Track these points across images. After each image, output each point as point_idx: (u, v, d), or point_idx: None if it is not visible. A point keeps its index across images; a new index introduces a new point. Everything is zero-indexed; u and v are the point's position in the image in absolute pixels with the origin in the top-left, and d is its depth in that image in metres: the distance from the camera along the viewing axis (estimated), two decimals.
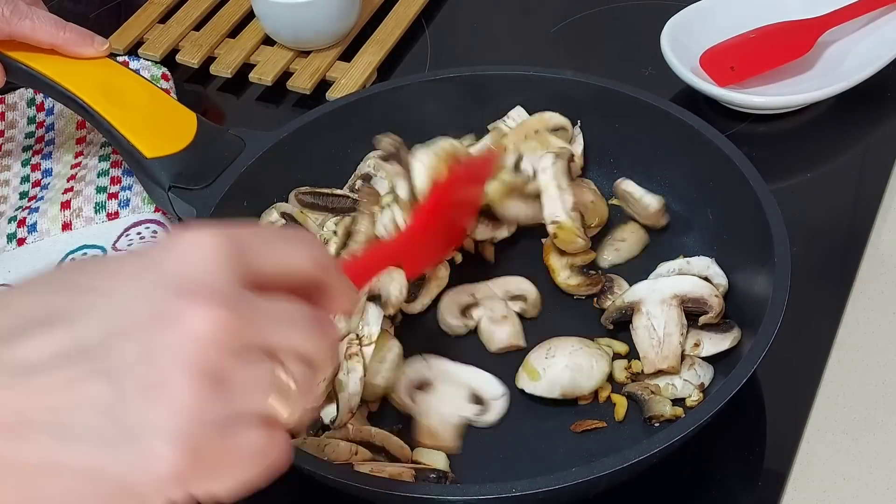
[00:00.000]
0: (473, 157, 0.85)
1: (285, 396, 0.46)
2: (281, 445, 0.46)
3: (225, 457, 0.44)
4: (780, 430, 0.76)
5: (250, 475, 0.46)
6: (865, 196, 0.92)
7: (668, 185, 0.88)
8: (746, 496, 0.74)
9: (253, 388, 0.45)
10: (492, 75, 0.92)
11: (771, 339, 0.68)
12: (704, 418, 0.65)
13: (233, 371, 0.44)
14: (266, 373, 0.46)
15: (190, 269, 0.45)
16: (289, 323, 0.47)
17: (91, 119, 0.88)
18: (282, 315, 0.47)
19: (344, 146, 0.92)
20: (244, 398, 0.45)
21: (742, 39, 1.00)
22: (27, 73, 0.89)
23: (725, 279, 0.80)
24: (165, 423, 0.42)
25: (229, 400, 0.44)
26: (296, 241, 0.51)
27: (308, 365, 0.47)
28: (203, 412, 0.43)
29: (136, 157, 0.86)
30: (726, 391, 0.66)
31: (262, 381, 0.45)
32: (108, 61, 0.91)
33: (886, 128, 0.99)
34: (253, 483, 0.46)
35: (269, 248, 0.48)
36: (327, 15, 1.05)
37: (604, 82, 0.89)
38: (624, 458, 0.63)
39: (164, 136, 0.87)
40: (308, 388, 0.47)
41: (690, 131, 0.84)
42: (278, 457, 0.46)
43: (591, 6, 1.14)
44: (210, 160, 0.86)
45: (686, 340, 0.77)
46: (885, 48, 0.99)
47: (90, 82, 0.89)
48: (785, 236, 0.74)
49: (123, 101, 0.88)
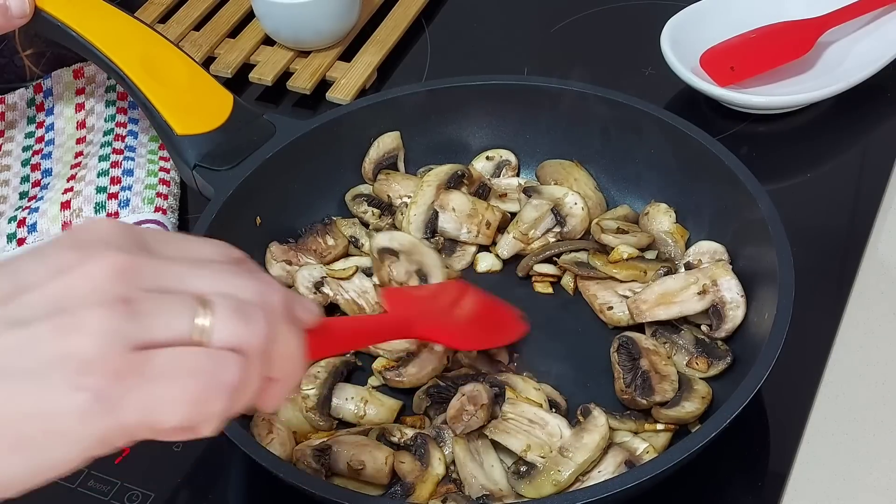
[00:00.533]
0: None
1: (212, 319, 0.45)
2: (221, 368, 0.45)
3: (145, 377, 0.43)
4: (780, 431, 0.76)
5: (186, 396, 0.44)
6: (865, 196, 0.92)
7: (664, 192, 0.88)
8: (747, 496, 0.74)
9: (166, 313, 0.45)
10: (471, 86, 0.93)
11: (773, 359, 0.68)
12: (703, 442, 0.66)
13: (141, 299, 0.44)
14: (181, 300, 0.45)
15: (88, 234, 0.46)
16: (201, 266, 0.47)
17: (128, 88, 0.89)
18: (191, 261, 0.47)
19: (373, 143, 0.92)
20: (157, 320, 0.44)
21: (742, 39, 1.00)
22: (69, 34, 0.89)
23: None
24: (78, 349, 0.42)
25: (140, 321, 0.44)
26: (206, 240, 0.51)
27: (238, 300, 0.46)
28: (114, 332, 0.43)
29: (166, 131, 0.87)
30: (728, 412, 0.66)
31: (177, 306, 0.45)
32: (153, 34, 0.92)
33: (886, 128, 0.99)
34: (202, 409, 0.45)
35: (170, 238, 0.49)
36: (327, 15, 1.05)
37: (597, 90, 0.89)
38: (626, 480, 0.64)
39: (198, 115, 0.88)
40: (241, 317, 0.46)
41: (686, 138, 0.84)
42: (222, 380, 0.45)
43: (591, 6, 1.14)
44: (239, 143, 0.87)
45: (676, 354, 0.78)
46: (885, 48, 0.99)
47: (132, 53, 0.89)
48: (789, 257, 0.74)
49: (163, 75, 0.89)
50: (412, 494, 0.70)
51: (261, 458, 0.67)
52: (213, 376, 0.45)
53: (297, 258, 0.86)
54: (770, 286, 0.74)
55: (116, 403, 0.43)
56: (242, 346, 0.46)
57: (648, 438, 0.73)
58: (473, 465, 0.72)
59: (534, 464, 0.71)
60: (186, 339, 0.45)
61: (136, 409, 0.44)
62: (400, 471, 0.72)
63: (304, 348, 0.50)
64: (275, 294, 0.49)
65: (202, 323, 0.45)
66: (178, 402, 0.44)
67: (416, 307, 0.76)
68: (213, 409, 0.45)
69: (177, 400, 0.44)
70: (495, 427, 0.73)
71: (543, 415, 0.72)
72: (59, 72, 1.04)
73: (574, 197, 0.86)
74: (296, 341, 0.50)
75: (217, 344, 0.45)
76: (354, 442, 0.73)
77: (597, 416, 0.71)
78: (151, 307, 0.44)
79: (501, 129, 0.93)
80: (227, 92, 0.91)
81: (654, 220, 0.86)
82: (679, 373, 0.76)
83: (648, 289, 0.79)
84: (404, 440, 0.74)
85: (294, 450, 0.73)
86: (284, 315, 0.49)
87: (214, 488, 0.76)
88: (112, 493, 0.74)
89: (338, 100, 1.04)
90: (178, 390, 0.44)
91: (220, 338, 0.45)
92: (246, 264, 0.50)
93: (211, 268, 0.48)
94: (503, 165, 0.93)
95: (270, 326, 0.47)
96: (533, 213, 0.86)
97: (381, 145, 0.92)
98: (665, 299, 0.78)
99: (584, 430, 0.71)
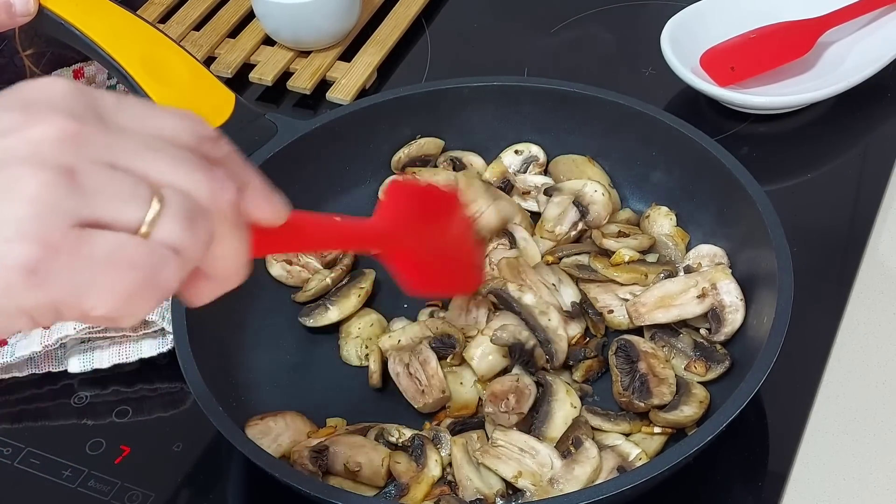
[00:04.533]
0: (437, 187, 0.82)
1: (159, 214, 0.43)
2: (159, 267, 0.43)
3: (81, 257, 0.41)
4: (780, 431, 0.76)
5: (119, 288, 0.42)
6: (865, 196, 0.92)
7: (665, 194, 0.88)
8: (747, 496, 0.74)
9: (113, 194, 0.42)
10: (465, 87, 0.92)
11: (770, 365, 0.68)
12: (700, 445, 0.66)
13: (88, 172, 0.41)
14: (132, 184, 0.42)
15: (36, 93, 0.43)
16: (159, 147, 0.44)
17: (129, 87, 0.89)
18: (150, 137, 0.44)
19: (374, 144, 0.92)
20: (103, 199, 0.42)
21: (742, 39, 1.00)
22: (72, 32, 0.89)
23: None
24: (11, 213, 0.40)
25: (83, 196, 0.41)
26: (173, 112, 0.47)
27: (190, 201, 0.44)
28: (54, 202, 0.40)
29: None
30: (724, 416, 0.66)
31: (127, 189, 0.42)
32: (156, 33, 0.92)
33: (886, 128, 0.99)
34: (131, 304, 0.43)
35: (134, 111, 0.45)
36: (327, 15, 1.05)
37: (597, 92, 0.89)
38: (621, 483, 0.64)
39: (200, 114, 0.87)
40: (188, 221, 0.43)
41: (686, 141, 0.84)
42: (157, 279, 0.43)
43: (591, 6, 1.14)
44: (241, 142, 0.86)
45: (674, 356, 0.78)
46: (885, 48, 0.99)
47: (134, 52, 0.89)
48: (789, 261, 0.74)
49: (165, 74, 0.89)
50: (405, 495, 0.70)
51: (256, 457, 0.67)
52: (150, 273, 0.43)
53: (297, 257, 0.86)
54: (769, 289, 0.74)
55: (45, 278, 0.41)
56: (181, 248, 0.44)
57: (641, 443, 0.73)
58: (470, 467, 0.72)
59: (524, 490, 0.70)
60: (128, 227, 0.42)
61: (66, 289, 0.41)
62: (395, 471, 0.72)
63: (246, 253, 0.48)
64: (228, 194, 0.46)
65: (149, 215, 0.43)
66: (110, 291, 0.42)
67: (408, 223, 0.68)
68: (142, 306, 0.43)
69: (110, 289, 0.42)
70: (486, 452, 0.72)
71: (534, 444, 0.72)
72: (59, 72, 1.04)
73: (593, 185, 0.86)
74: (238, 246, 0.47)
75: (157, 239, 0.43)
76: (352, 443, 0.73)
77: (588, 448, 0.71)
78: (98, 183, 0.42)
79: (502, 129, 0.93)
80: (228, 91, 0.91)
81: (655, 223, 0.86)
82: (677, 376, 0.76)
83: (648, 292, 0.79)
84: (402, 441, 0.74)
85: (292, 451, 0.73)
86: (233, 218, 0.47)
87: (214, 488, 0.76)
88: (112, 493, 0.74)
89: (338, 100, 1.04)
90: (113, 280, 0.42)
91: (161, 235, 0.43)
92: (212, 145, 0.47)
93: (169, 152, 0.44)
94: (530, 161, 0.92)
95: (215, 232, 0.45)
96: (556, 210, 0.86)
97: (422, 145, 0.92)
98: (664, 302, 0.78)
99: (575, 461, 0.70)
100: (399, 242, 0.67)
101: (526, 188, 0.90)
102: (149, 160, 0.44)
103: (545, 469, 0.70)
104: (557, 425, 0.73)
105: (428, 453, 0.72)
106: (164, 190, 0.43)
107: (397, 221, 0.67)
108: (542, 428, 0.73)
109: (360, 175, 0.92)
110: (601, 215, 0.86)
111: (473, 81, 0.92)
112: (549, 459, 0.71)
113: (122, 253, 0.42)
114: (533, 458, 0.71)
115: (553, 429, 0.73)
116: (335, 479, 0.72)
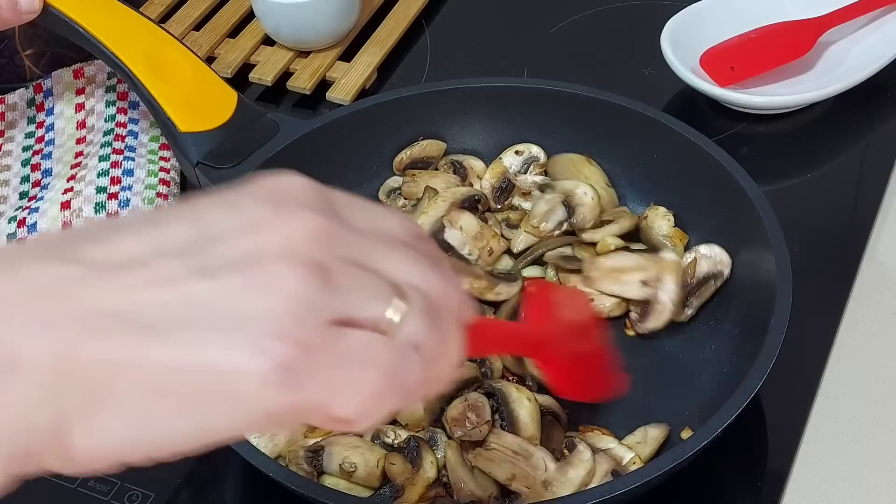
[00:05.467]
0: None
1: (404, 313, 0.42)
2: (405, 366, 0.42)
3: (335, 357, 0.40)
4: (779, 431, 0.76)
5: (368, 387, 0.41)
6: (865, 196, 0.92)
7: (663, 194, 0.88)
8: (747, 497, 0.74)
9: (363, 292, 0.41)
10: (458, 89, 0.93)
11: (768, 369, 0.68)
12: (696, 449, 0.66)
13: (339, 270, 0.41)
14: (378, 284, 0.42)
15: (281, 190, 0.42)
16: (394, 247, 0.43)
17: (132, 85, 0.89)
18: (383, 238, 0.44)
19: (375, 144, 0.93)
20: (354, 297, 0.41)
21: (742, 39, 1.00)
22: (76, 30, 0.89)
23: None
24: (270, 310, 0.39)
25: (337, 295, 0.40)
26: (390, 210, 0.47)
27: (429, 298, 0.43)
28: (309, 299, 0.39)
29: (170, 128, 0.88)
30: (722, 420, 0.66)
31: (374, 288, 0.42)
32: (159, 31, 0.92)
33: (886, 128, 0.99)
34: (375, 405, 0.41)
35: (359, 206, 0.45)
36: (327, 15, 1.06)
37: (598, 93, 0.89)
38: (624, 483, 0.64)
39: (202, 112, 0.89)
40: (430, 317, 0.42)
41: (685, 141, 0.84)
42: (403, 379, 0.42)
43: (591, 6, 1.14)
44: (242, 141, 0.88)
45: None
46: (885, 48, 0.99)
47: (138, 50, 0.90)
48: (788, 264, 0.74)
49: (167, 72, 0.89)
50: (400, 497, 0.70)
51: (251, 457, 0.67)
52: (395, 374, 0.41)
53: None
54: (768, 290, 0.73)
55: (301, 378, 0.39)
56: (422, 347, 0.42)
57: (635, 447, 0.73)
58: (464, 469, 0.72)
59: (518, 493, 0.70)
60: (375, 326, 0.41)
61: (319, 389, 0.40)
62: (390, 472, 0.72)
63: (463, 353, 0.46)
64: (455, 293, 0.45)
65: (394, 314, 0.42)
66: (359, 392, 0.41)
67: (553, 325, 0.67)
68: (385, 406, 0.42)
69: (358, 389, 0.41)
70: (479, 455, 0.72)
71: (527, 447, 0.71)
72: (60, 72, 1.04)
73: (585, 188, 0.86)
74: (460, 345, 0.46)
75: (401, 339, 0.42)
76: (347, 443, 0.73)
77: (582, 451, 0.70)
78: (349, 282, 0.41)
79: (502, 129, 0.93)
80: (231, 90, 0.91)
81: (653, 224, 0.86)
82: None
83: (607, 257, 0.78)
84: (398, 442, 0.74)
85: (287, 450, 0.73)
86: (459, 317, 0.46)
87: (214, 488, 0.76)
88: (112, 493, 0.74)
89: (338, 100, 1.04)
90: (362, 380, 0.41)
91: (406, 334, 0.42)
92: (428, 245, 0.47)
93: (403, 252, 0.44)
94: (531, 161, 0.92)
95: (449, 330, 0.44)
96: (544, 207, 0.86)
97: (424, 147, 0.92)
98: (614, 274, 0.78)
99: (568, 464, 0.70)
100: (553, 347, 0.65)
101: (526, 188, 0.90)
102: (388, 259, 0.43)
103: (539, 472, 0.70)
104: (526, 423, 0.73)
105: (423, 455, 0.72)
106: (407, 289, 0.43)
107: (547, 326, 0.66)
108: (514, 430, 0.73)
109: (360, 175, 0.92)
110: (586, 218, 0.85)
111: (474, 82, 0.92)
112: (542, 462, 0.70)
113: (371, 352, 0.41)
114: (527, 461, 0.71)
115: (525, 428, 0.73)
116: (330, 479, 0.72)
